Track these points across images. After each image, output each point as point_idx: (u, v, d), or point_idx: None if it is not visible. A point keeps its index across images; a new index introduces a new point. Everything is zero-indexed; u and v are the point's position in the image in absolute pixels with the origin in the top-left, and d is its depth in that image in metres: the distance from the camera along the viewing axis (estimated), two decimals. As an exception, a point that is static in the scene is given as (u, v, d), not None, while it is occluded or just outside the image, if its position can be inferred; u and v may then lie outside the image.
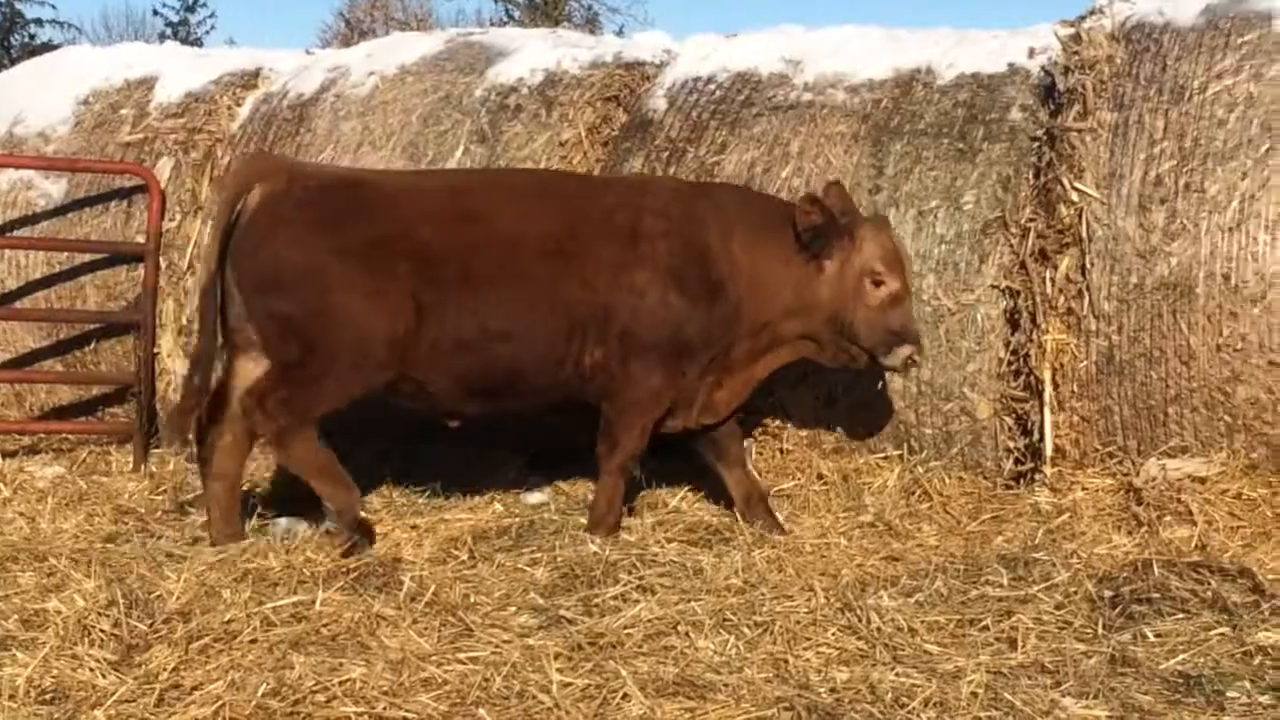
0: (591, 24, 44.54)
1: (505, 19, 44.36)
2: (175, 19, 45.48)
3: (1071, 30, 8.43)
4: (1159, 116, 7.90)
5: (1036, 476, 8.05)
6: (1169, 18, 8.23)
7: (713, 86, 9.12)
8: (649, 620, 6.12)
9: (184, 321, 9.55)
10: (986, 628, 6.10)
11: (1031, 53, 8.65)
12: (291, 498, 7.77)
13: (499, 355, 7.28)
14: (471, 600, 6.45)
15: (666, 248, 7.37)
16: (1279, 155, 7.57)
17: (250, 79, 10.50)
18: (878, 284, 7.46)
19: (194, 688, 5.37)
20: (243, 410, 7.18)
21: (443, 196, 7.49)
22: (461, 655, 5.72)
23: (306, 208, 7.23)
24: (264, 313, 7.18)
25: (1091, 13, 8.49)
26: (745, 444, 8.05)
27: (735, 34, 9.59)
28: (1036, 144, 8.25)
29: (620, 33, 37.16)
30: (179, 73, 10.54)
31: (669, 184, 7.92)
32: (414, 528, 7.69)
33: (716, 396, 7.64)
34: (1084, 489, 7.83)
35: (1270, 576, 6.55)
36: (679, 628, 6.04)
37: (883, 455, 8.33)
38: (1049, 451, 7.99)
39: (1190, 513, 7.37)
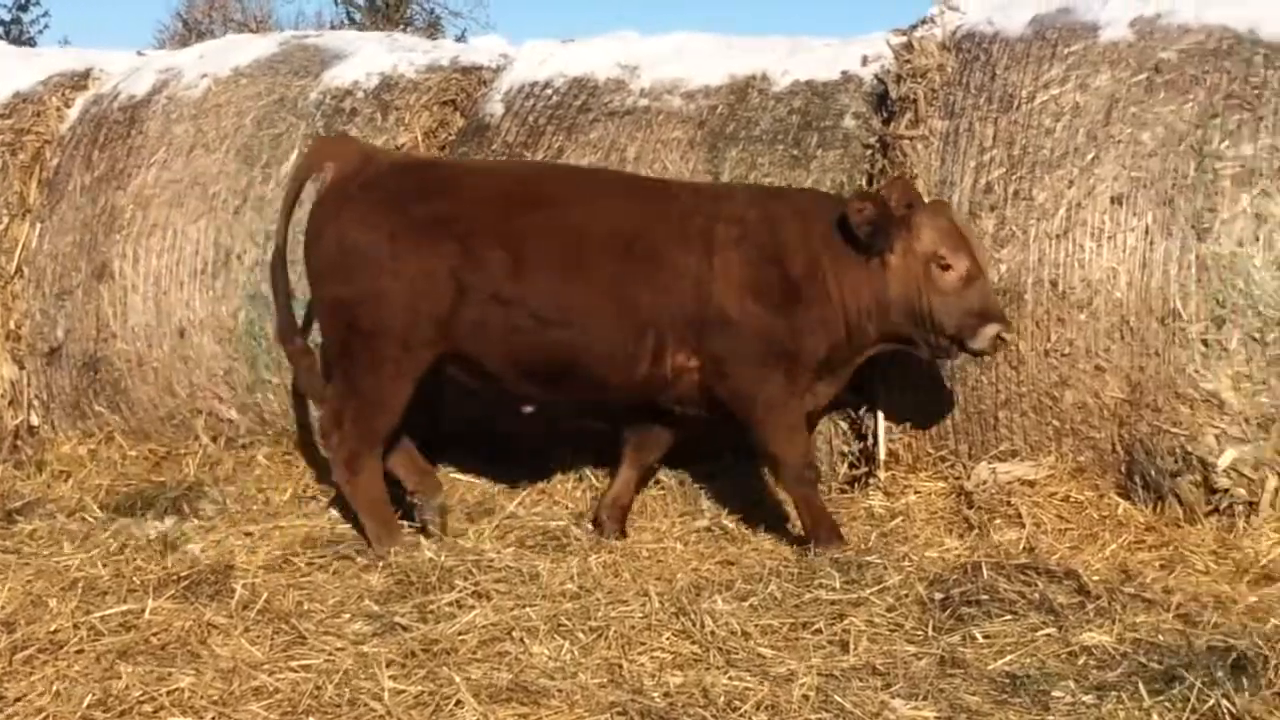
0: (433, 28, 44.32)
1: (346, 21, 44.03)
2: (7, 18, 44.62)
3: (903, 39, 8.49)
4: (989, 125, 7.99)
5: (870, 480, 8.10)
6: (998, 28, 8.32)
7: (550, 91, 9.11)
8: (484, 626, 6.13)
9: (11, 325, 9.40)
10: (819, 631, 6.16)
11: (865, 60, 8.71)
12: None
13: (553, 342, 7.27)
14: (305, 608, 6.42)
15: (741, 256, 7.28)
16: (1104, 164, 7.68)
17: (80, 80, 10.32)
18: (945, 268, 7.26)
19: (17, 699, 5.31)
20: (320, 433, 7.41)
21: (510, 182, 7.55)
22: (293, 663, 5.71)
23: (371, 189, 7.34)
24: (325, 298, 7.42)
25: (923, 22, 8.57)
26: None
27: (572, 39, 9.58)
28: (869, 151, 8.30)
29: (462, 37, 37.02)
30: (6, 73, 10.34)
31: (745, 190, 7.83)
32: (248, 534, 7.61)
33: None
34: (917, 493, 7.91)
35: (1095, 578, 6.65)
36: (514, 633, 6.05)
37: (719, 461, 8.31)
38: (882, 456, 8.07)
39: (1020, 515, 7.46)
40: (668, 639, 6.02)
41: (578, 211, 7.36)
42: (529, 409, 7.75)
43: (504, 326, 7.25)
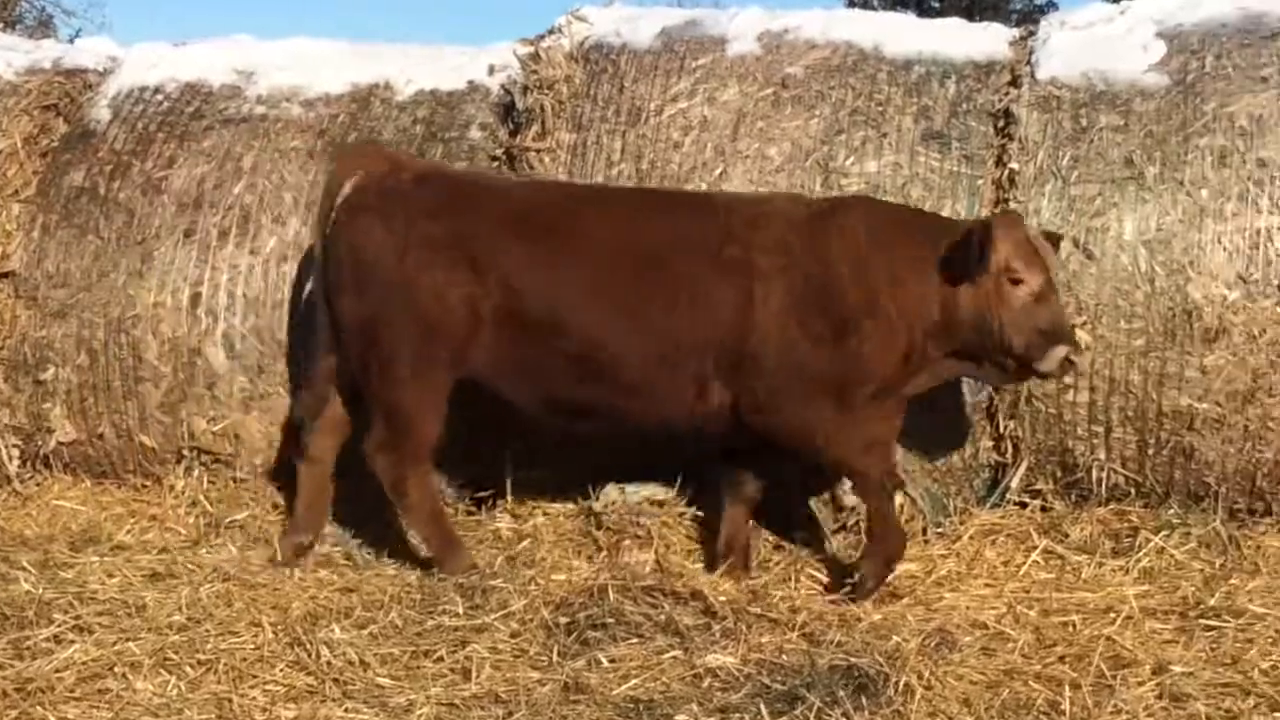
0: (45, 26, 42.90)
1: (-52, 18, 42.37)
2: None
3: (531, 49, 8.51)
4: (616, 138, 8.05)
5: (498, 502, 8.09)
6: (626, 39, 8.38)
7: (160, 97, 8.87)
8: (84, 662, 5.96)
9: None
10: (441, 659, 6.14)
11: (492, 70, 8.72)
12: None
13: (577, 375, 7.13)
14: (-118, 646, 6.15)
15: (784, 285, 7.00)
16: (732, 179, 7.83)
17: None
18: (1016, 283, 6.90)
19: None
20: (368, 462, 7.25)
21: (537, 203, 7.36)
22: None
23: (388, 199, 7.22)
24: (342, 311, 7.26)
25: (551, 32, 8.59)
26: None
27: (184, 42, 9.34)
28: (496, 163, 8.31)
29: (75, 38, 35.94)
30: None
31: (788, 208, 7.31)
32: None
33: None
34: (545, 514, 7.93)
35: (722, 598, 6.72)
36: (116, 669, 5.90)
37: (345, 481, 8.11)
38: (510, 477, 8.05)
39: (649, 536, 7.51)
40: (281, 671, 5.93)
41: (603, 237, 7.19)
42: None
43: (520, 356, 7.17)
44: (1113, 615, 6.68)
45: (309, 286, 7.90)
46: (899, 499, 7.61)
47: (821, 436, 7.04)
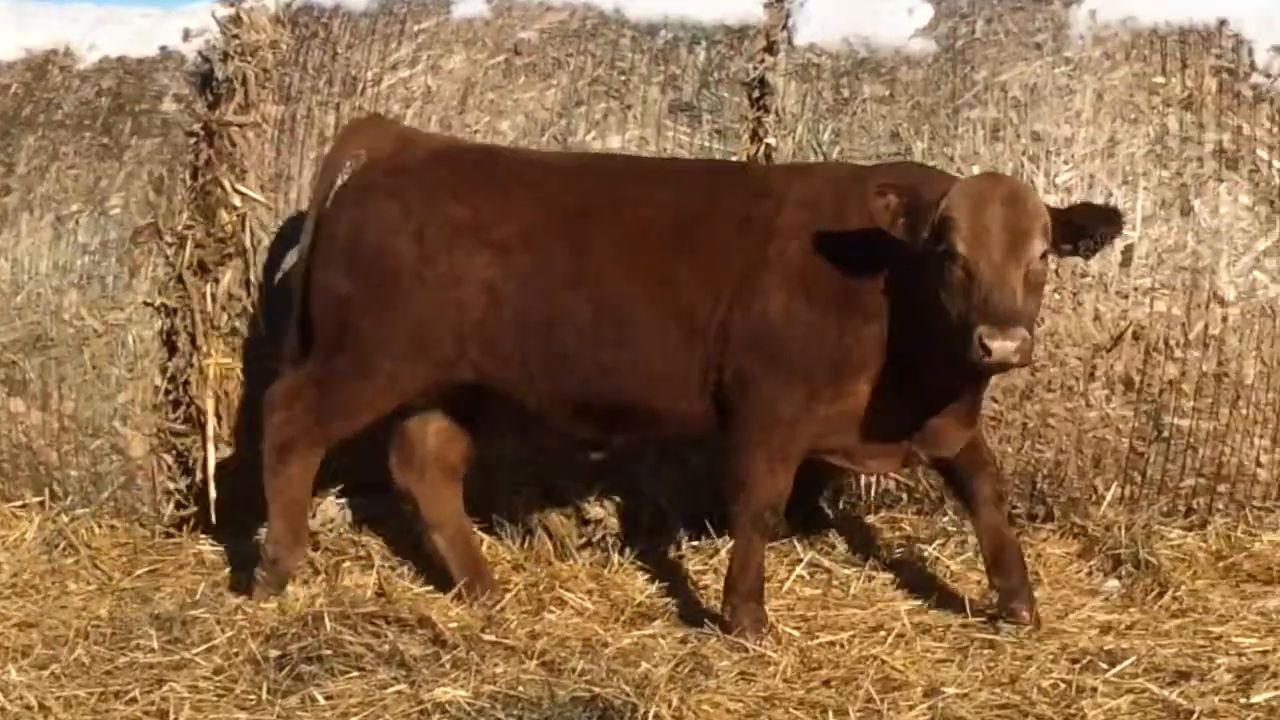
0: None
1: None
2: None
3: (231, 11, 8.24)
4: (330, 111, 7.94)
5: (202, 522, 7.97)
6: (340, 1, 8.25)
7: None
8: None
9: None
10: (134, 700, 5.93)
11: (187, 35, 8.47)
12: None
13: (606, 371, 6.85)
14: None
15: (800, 246, 6.65)
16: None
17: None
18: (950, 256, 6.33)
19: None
20: (264, 409, 7.07)
21: (562, 180, 7.11)
22: None
23: (401, 178, 7.07)
24: (324, 286, 7.04)
25: (254, -8, 8.47)
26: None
27: None
28: (194, 140, 8.10)
29: None
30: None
31: (828, 170, 7.21)
32: None
33: (934, 424, 6.74)
34: (248, 534, 7.70)
35: (453, 625, 6.62)
36: None
37: (20, 504, 8.05)
38: (214, 493, 7.89)
39: (370, 557, 7.44)
40: (-58, 724, 5.69)
41: (640, 211, 6.94)
42: (597, 455, 7.62)
43: (550, 352, 6.87)
44: (883, 634, 6.65)
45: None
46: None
47: (756, 416, 6.79)
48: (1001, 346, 6.03)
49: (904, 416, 6.69)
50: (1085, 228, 6.36)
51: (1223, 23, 7.78)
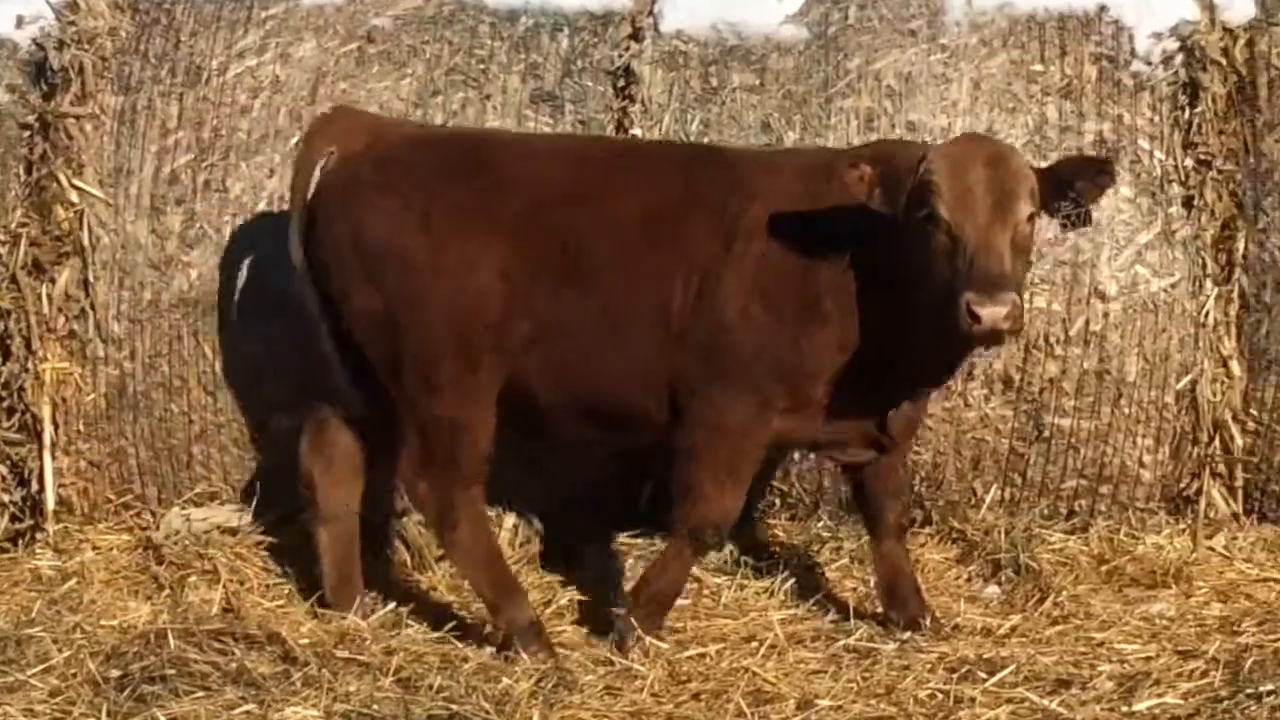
0: None
1: None
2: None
3: (68, -5, 8.26)
4: (173, 102, 7.85)
5: (38, 535, 7.86)
6: None
7: None
8: None
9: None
10: None
11: (20, 21, 8.28)
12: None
13: (610, 366, 6.74)
14: None
15: (763, 247, 6.56)
16: (300, 148, 7.75)
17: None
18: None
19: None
20: (405, 486, 6.92)
21: (558, 164, 6.99)
22: None
23: (388, 168, 6.87)
24: (355, 313, 6.83)
25: (91, -23, 8.38)
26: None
27: None
28: (28, 132, 7.97)
29: None
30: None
31: (812, 156, 7.09)
32: None
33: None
34: (95, 548, 7.72)
35: (303, 641, 6.56)
36: None
37: None
38: (51, 505, 7.82)
39: (217, 571, 7.35)
40: None
41: (627, 197, 6.81)
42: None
43: (560, 348, 6.73)
44: (755, 644, 6.65)
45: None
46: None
47: (710, 420, 6.74)
48: (991, 313, 5.92)
49: (871, 406, 6.69)
50: (1075, 182, 6.28)
51: (1102, 9, 7.80)
